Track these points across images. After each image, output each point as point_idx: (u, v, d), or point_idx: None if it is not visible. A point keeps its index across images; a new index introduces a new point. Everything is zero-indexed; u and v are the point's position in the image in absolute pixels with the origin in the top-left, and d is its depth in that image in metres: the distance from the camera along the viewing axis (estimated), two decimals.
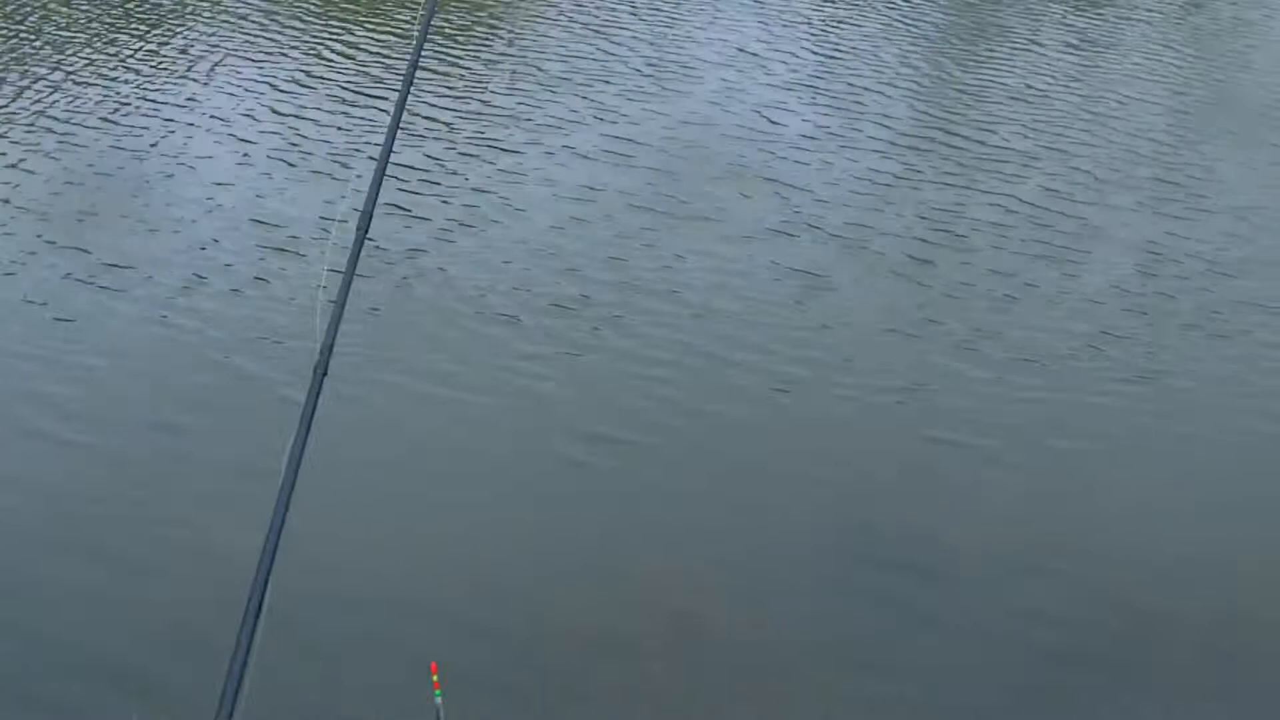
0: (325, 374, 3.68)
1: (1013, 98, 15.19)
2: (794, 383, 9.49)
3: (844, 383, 9.52)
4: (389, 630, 7.04)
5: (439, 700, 5.78)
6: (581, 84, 14.97)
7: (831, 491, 8.38)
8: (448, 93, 14.67)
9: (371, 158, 12.84)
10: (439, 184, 12.35)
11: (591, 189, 12.32)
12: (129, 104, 14.19)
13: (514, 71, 15.42)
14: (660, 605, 7.33)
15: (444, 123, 13.77)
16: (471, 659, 6.78)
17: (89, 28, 16.82)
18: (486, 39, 16.62)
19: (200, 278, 10.68)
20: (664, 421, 9.03)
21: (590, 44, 16.41)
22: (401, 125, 4.41)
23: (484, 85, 14.91)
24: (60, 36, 16.53)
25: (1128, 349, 10.01)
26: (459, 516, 8.06)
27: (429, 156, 12.91)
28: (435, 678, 5.76)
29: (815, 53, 16.46)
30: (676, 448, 8.79)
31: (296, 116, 14.02)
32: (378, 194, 4.19)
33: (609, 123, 13.87)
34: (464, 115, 14.01)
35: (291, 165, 12.87)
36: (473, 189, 12.26)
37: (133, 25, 16.90)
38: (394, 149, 4.27)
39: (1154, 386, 9.57)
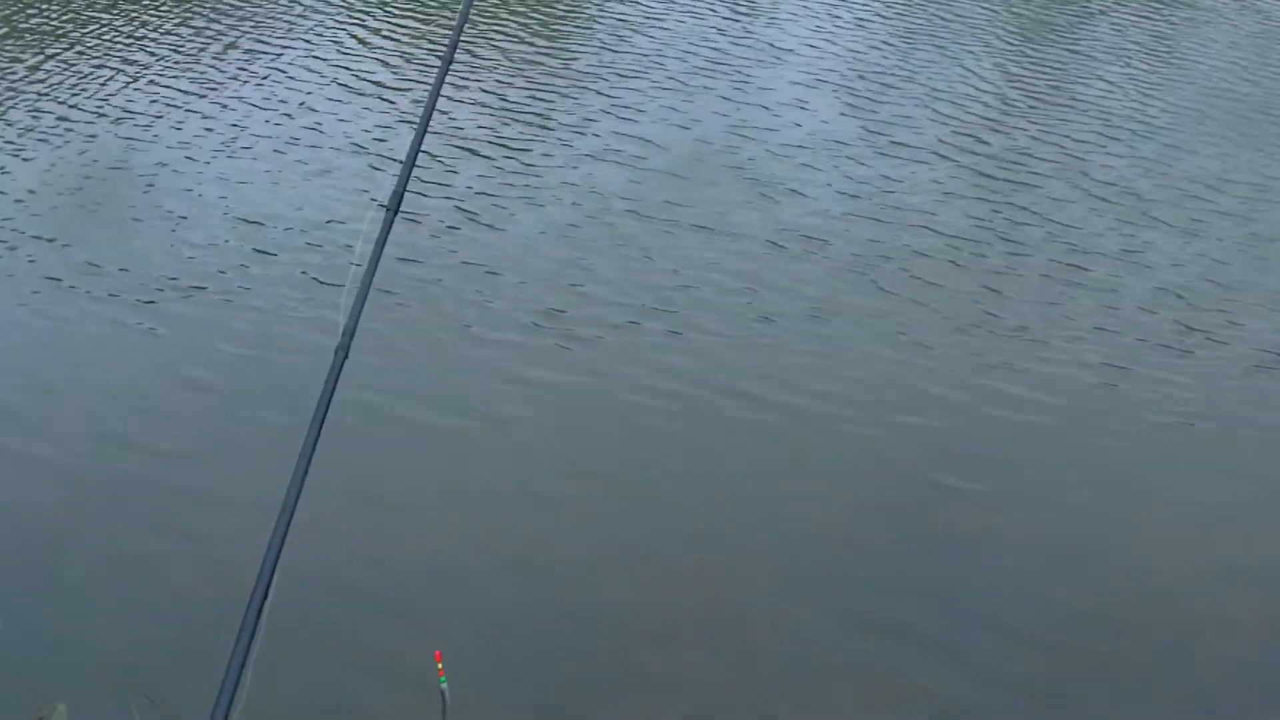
0: (346, 356, 3.65)
1: (1051, 109, 15.03)
2: (833, 384, 9.42)
3: (880, 385, 9.46)
4: (396, 617, 7.02)
5: (444, 686, 5.77)
6: (618, 84, 14.79)
7: (866, 490, 8.34)
8: (482, 85, 14.61)
9: (398, 154, 12.84)
10: (456, 182, 12.25)
11: (621, 197, 12.14)
12: (148, 92, 14.15)
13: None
14: (685, 597, 7.28)
15: (473, 118, 13.67)
16: (483, 648, 6.76)
17: (103, 17, 16.85)
18: (526, 33, 16.55)
19: (220, 267, 10.67)
20: (692, 419, 8.97)
21: (631, 42, 16.29)
22: (433, 117, 4.37)
23: (517, 81, 14.81)
24: (72, 25, 16.55)
25: (1157, 378, 9.83)
26: (477, 505, 8.03)
27: (456, 148, 12.85)
28: (440, 665, 5.76)
29: (859, 60, 16.33)
30: (701, 443, 8.72)
31: (328, 104, 14.00)
32: (409, 177, 4.15)
33: (642, 125, 13.72)
34: (493, 111, 13.91)
35: (321, 152, 12.87)
36: (489, 191, 12.08)
37: (160, 13, 16.92)
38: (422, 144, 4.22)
39: (1184, 414, 9.43)
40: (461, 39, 15.50)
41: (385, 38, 16.08)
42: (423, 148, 4.24)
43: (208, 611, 6.67)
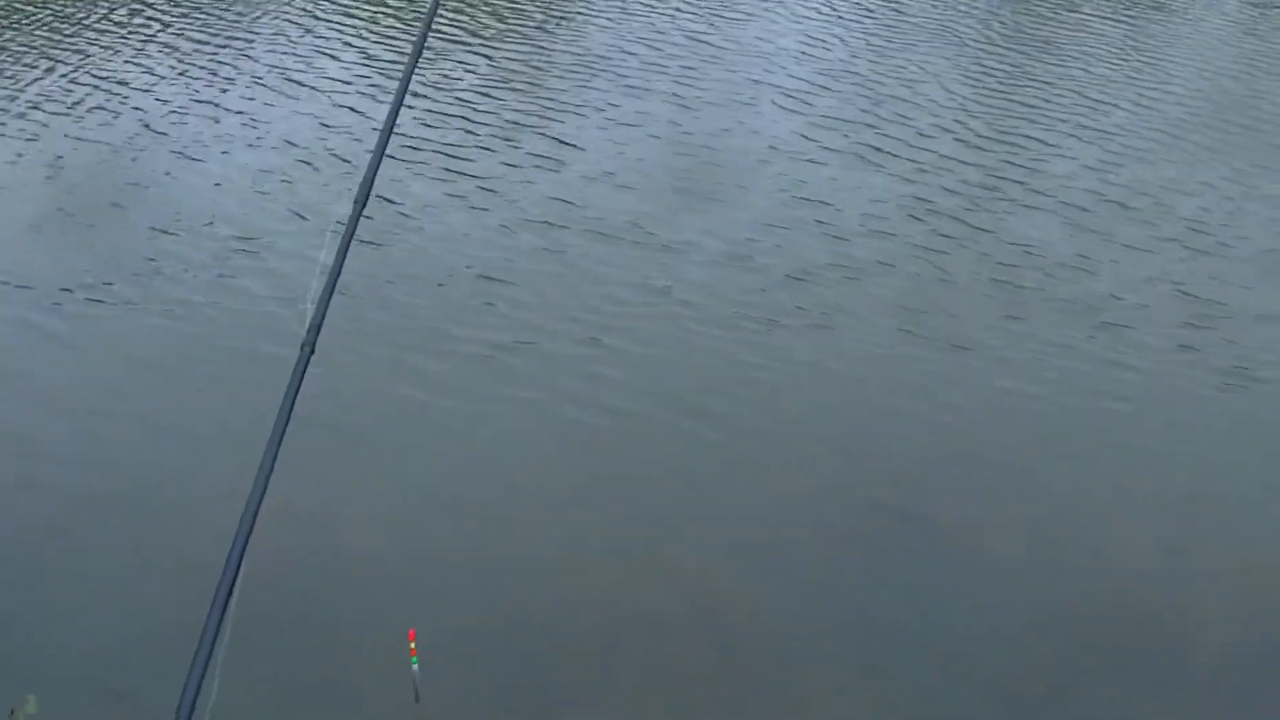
0: (313, 352, 3.72)
1: (1008, 113, 15.02)
2: (819, 371, 9.49)
3: (868, 370, 9.51)
4: (369, 600, 7.09)
5: (415, 668, 5.85)
6: (588, 85, 14.66)
7: (857, 477, 8.40)
8: (449, 81, 14.54)
9: (370, 136, 12.80)
10: (398, 190, 12.15)
11: (569, 204, 12.11)
12: (121, 91, 14.03)
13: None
14: (659, 588, 7.34)
15: (423, 124, 13.49)
16: (453, 632, 6.82)
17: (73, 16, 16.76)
18: (495, 32, 16.43)
19: (190, 265, 10.66)
20: (678, 402, 9.03)
21: (602, 41, 16.14)
22: (400, 113, 4.44)
23: (487, 80, 14.62)
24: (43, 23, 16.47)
25: (1122, 378, 9.85)
26: (451, 498, 8.06)
27: (404, 153, 12.70)
28: (413, 644, 5.83)
29: (816, 64, 16.19)
30: (691, 428, 8.78)
31: (296, 101, 13.92)
32: (375, 173, 4.22)
33: (595, 131, 13.55)
34: (440, 117, 13.71)
35: (288, 151, 12.82)
36: (428, 199, 11.94)
37: (125, 15, 16.81)
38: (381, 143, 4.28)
39: (1153, 416, 9.45)
40: (449, 34, 15.41)
41: (344, 37, 16.01)
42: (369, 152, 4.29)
43: (179, 604, 6.71)
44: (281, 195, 11.80)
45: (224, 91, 14.03)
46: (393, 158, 12.22)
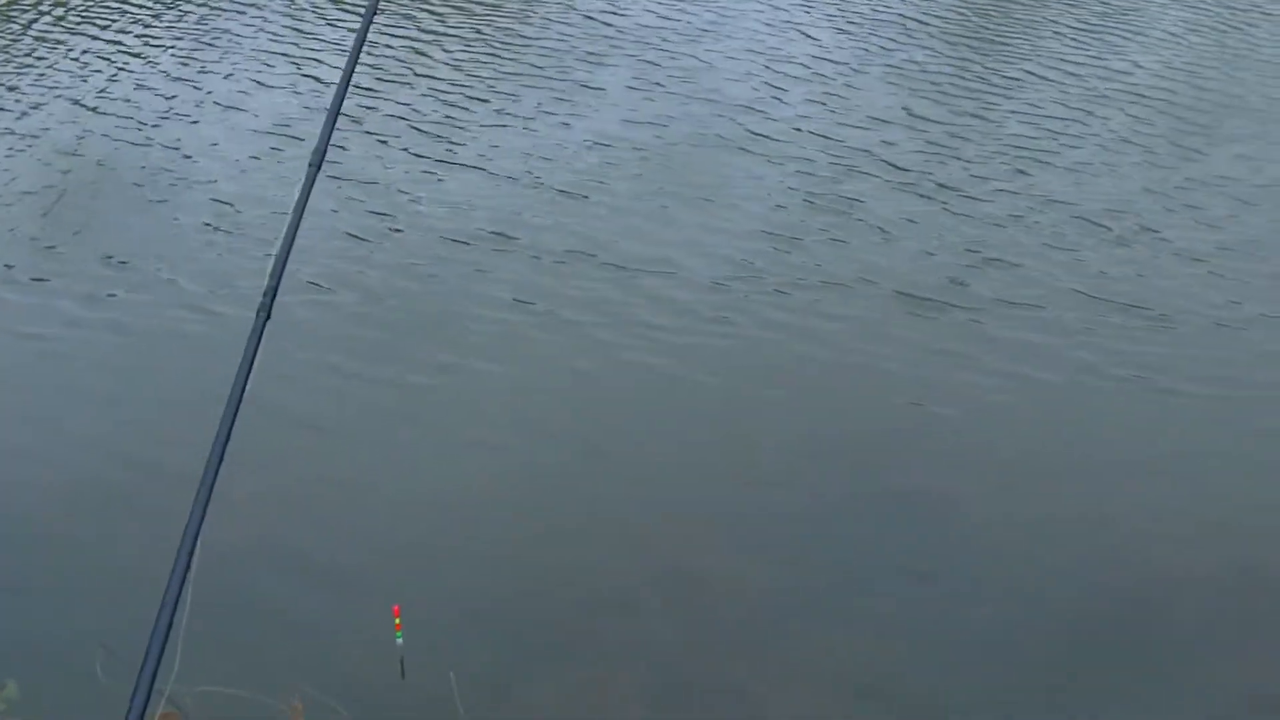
0: (269, 317, 3.65)
1: (972, 106, 14.89)
2: (790, 342, 9.36)
3: (843, 341, 9.37)
4: (351, 572, 7.02)
5: (400, 642, 5.82)
6: (557, 66, 14.10)
7: (834, 449, 8.29)
8: (385, 60, 14.28)
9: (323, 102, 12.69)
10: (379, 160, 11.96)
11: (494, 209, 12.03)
12: (76, 73, 13.84)
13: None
14: (644, 562, 7.26)
15: (396, 82, 13.25)
16: (440, 607, 6.74)
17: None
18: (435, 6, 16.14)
19: (144, 243, 10.49)
20: (655, 377, 8.91)
21: (578, 19, 15.79)
22: (353, 82, 4.35)
23: (443, 54, 14.33)
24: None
25: (1136, 328, 9.67)
26: (429, 469, 7.97)
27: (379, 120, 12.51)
28: (398, 620, 5.80)
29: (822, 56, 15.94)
30: (668, 403, 8.67)
31: (245, 73, 13.77)
32: (330, 133, 4.13)
33: (578, 115, 13.12)
34: (414, 84, 13.42)
35: (239, 122, 12.70)
36: (408, 176, 11.62)
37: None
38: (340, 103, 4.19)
39: (1170, 351, 9.35)
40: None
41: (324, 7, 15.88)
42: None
43: (159, 585, 6.65)
44: (232, 154, 11.66)
45: (152, 64, 13.83)
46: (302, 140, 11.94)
